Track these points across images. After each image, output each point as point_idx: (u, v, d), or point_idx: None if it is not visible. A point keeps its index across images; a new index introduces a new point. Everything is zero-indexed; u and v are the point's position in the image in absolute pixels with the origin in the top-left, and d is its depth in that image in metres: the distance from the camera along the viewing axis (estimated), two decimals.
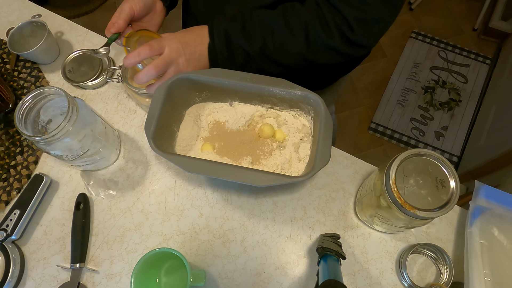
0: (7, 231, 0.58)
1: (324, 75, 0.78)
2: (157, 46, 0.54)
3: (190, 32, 0.58)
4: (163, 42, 0.55)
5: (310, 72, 0.70)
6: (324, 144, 0.51)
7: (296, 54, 0.56)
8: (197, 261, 0.60)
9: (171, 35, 0.57)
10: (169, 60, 0.55)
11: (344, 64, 0.78)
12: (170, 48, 0.55)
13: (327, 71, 0.76)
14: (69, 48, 0.80)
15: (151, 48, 0.53)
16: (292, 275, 0.58)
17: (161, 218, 0.63)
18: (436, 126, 1.68)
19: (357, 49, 0.57)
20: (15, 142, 0.69)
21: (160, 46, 0.54)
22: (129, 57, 0.53)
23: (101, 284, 0.59)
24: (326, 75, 0.78)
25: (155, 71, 0.54)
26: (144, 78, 0.54)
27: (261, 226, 0.62)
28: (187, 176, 0.66)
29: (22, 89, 0.75)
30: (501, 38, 1.82)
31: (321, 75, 0.76)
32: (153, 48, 0.54)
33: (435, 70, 1.81)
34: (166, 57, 0.55)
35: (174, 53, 0.56)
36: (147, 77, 0.54)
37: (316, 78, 0.75)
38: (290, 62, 0.58)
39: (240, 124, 0.61)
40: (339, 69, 0.79)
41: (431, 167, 0.48)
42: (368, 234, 0.61)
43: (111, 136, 0.64)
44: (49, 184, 0.65)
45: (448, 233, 0.61)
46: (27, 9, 0.85)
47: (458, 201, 0.47)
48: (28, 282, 0.59)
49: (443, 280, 0.56)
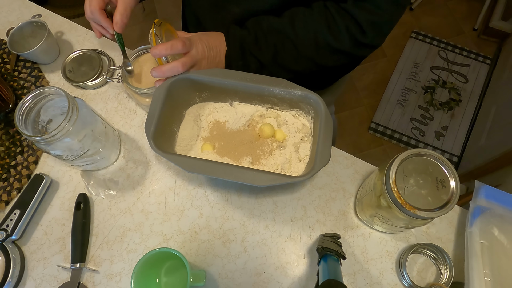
0: (7, 231, 0.59)
1: (325, 76, 0.78)
2: (189, 44, 0.54)
3: (213, 37, 0.59)
4: (192, 41, 0.56)
5: (314, 73, 0.70)
6: (324, 144, 0.51)
7: (306, 60, 0.58)
8: (197, 261, 0.60)
9: (196, 36, 0.58)
10: (195, 60, 0.56)
11: (345, 65, 0.78)
12: (197, 49, 0.56)
13: (329, 72, 0.77)
14: (69, 48, 0.80)
15: (184, 45, 0.53)
16: (292, 275, 0.58)
17: (161, 218, 0.63)
18: (436, 126, 1.68)
19: (368, 50, 0.58)
20: (15, 142, 0.69)
21: (190, 44, 0.55)
22: (160, 48, 0.52)
23: (101, 284, 0.59)
24: (327, 75, 0.78)
25: (182, 68, 0.54)
26: (169, 73, 0.54)
27: (261, 226, 0.62)
28: (187, 176, 0.66)
29: (22, 89, 0.75)
30: (501, 38, 1.82)
31: (323, 76, 0.77)
32: (186, 45, 0.54)
33: (435, 70, 1.81)
34: (194, 57, 0.56)
35: (200, 54, 0.57)
36: (172, 73, 0.55)
37: (318, 79, 0.75)
38: (301, 68, 0.60)
39: (240, 124, 0.61)
40: (340, 69, 0.79)
41: (431, 167, 0.48)
42: (368, 234, 0.61)
43: (111, 136, 0.64)
44: (49, 184, 0.65)
45: (448, 233, 0.61)
46: (27, 9, 0.85)
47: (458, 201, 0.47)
48: (28, 282, 0.59)
49: (443, 280, 0.56)
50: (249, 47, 0.58)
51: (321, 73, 0.73)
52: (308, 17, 0.55)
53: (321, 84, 0.80)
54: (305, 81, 0.59)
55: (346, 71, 0.82)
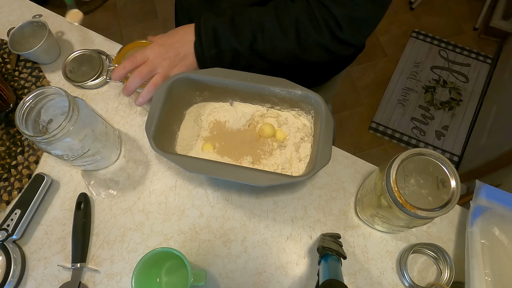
0: (8, 230, 0.59)
1: (315, 73, 0.78)
2: (140, 57, 0.58)
3: (175, 33, 0.60)
4: (146, 50, 0.58)
5: (301, 69, 0.70)
6: (324, 144, 0.51)
7: (286, 51, 0.57)
8: (197, 261, 0.60)
9: (155, 40, 0.60)
10: (152, 65, 0.57)
11: (335, 62, 0.79)
12: (153, 53, 0.58)
13: (318, 68, 0.77)
14: (69, 48, 0.80)
15: (134, 60, 0.58)
16: (293, 274, 0.58)
17: (162, 218, 0.63)
18: (437, 126, 1.68)
19: (346, 48, 0.57)
20: (16, 142, 0.69)
21: (143, 56, 0.58)
22: (115, 71, 0.58)
23: (102, 283, 0.59)
24: (318, 72, 0.79)
25: (139, 77, 0.57)
26: (132, 85, 0.58)
27: (262, 225, 0.62)
28: (188, 175, 0.66)
29: (22, 89, 0.75)
30: (502, 38, 1.82)
31: (313, 72, 0.77)
32: (136, 60, 0.58)
33: (435, 70, 1.81)
34: (149, 63, 0.58)
35: (158, 58, 0.58)
36: (134, 84, 0.58)
37: (307, 75, 0.74)
38: (280, 59, 0.58)
39: (241, 124, 0.61)
40: (330, 67, 0.79)
41: (431, 166, 0.48)
42: (368, 234, 0.61)
43: (112, 136, 0.65)
44: (50, 183, 0.65)
45: (449, 232, 0.61)
46: (28, 9, 0.85)
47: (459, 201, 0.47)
48: (29, 281, 0.59)
49: (444, 280, 0.56)
50: (224, 34, 0.56)
51: (308, 69, 0.73)
52: (290, 7, 0.54)
53: (314, 81, 0.79)
54: (296, 78, 0.58)
55: (337, 69, 0.81)
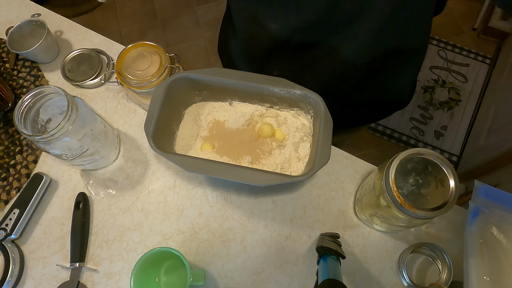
0: (7, 230, 0.58)
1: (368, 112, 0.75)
2: None
3: None
4: None
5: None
6: (323, 144, 0.51)
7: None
8: (196, 260, 0.60)
9: None
10: None
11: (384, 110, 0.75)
12: None
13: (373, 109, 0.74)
14: (68, 47, 0.80)
15: None
16: (292, 274, 0.59)
17: (161, 218, 0.63)
18: (436, 126, 1.68)
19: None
20: (14, 141, 0.69)
21: None
22: None
23: (101, 283, 0.59)
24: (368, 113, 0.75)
25: None
26: None
27: (261, 225, 0.62)
28: (187, 175, 0.66)
29: (21, 88, 0.75)
30: (501, 38, 1.82)
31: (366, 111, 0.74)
32: None
33: (434, 70, 1.81)
34: None
35: None
36: None
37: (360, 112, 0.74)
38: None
39: (240, 124, 0.61)
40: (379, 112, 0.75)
41: (430, 166, 0.48)
42: (367, 234, 0.61)
43: (111, 136, 0.64)
44: (49, 183, 0.65)
45: (447, 232, 0.61)
46: (27, 8, 0.85)
47: (458, 201, 0.47)
48: (27, 281, 0.59)
49: (443, 279, 0.56)
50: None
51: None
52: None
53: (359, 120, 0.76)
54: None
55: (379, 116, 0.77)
